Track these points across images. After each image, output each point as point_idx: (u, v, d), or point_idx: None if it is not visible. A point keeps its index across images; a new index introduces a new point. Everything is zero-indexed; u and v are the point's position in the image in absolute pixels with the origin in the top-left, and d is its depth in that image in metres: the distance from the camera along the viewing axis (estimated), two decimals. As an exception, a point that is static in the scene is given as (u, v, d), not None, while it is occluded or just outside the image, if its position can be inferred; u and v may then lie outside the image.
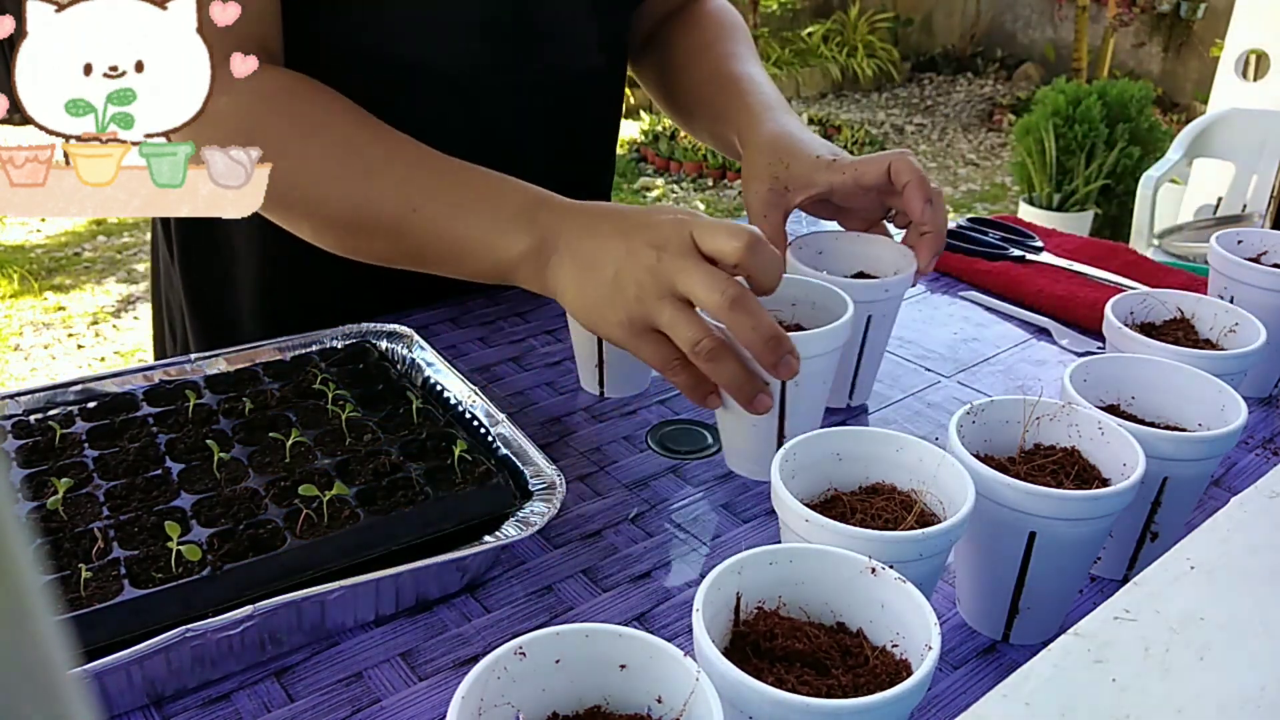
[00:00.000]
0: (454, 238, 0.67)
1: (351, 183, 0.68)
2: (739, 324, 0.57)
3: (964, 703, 0.49)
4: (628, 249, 0.61)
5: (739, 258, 0.59)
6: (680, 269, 0.59)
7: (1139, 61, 5.69)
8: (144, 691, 0.48)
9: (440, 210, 0.67)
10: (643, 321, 0.60)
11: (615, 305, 0.61)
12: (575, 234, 0.64)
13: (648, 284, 0.59)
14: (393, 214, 0.67)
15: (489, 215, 0.66)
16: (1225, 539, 0.41)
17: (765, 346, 0.58)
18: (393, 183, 0.68)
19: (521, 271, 0.65)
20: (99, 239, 3.98)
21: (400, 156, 0.69)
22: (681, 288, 0.59)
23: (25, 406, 0.65)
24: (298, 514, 0.55)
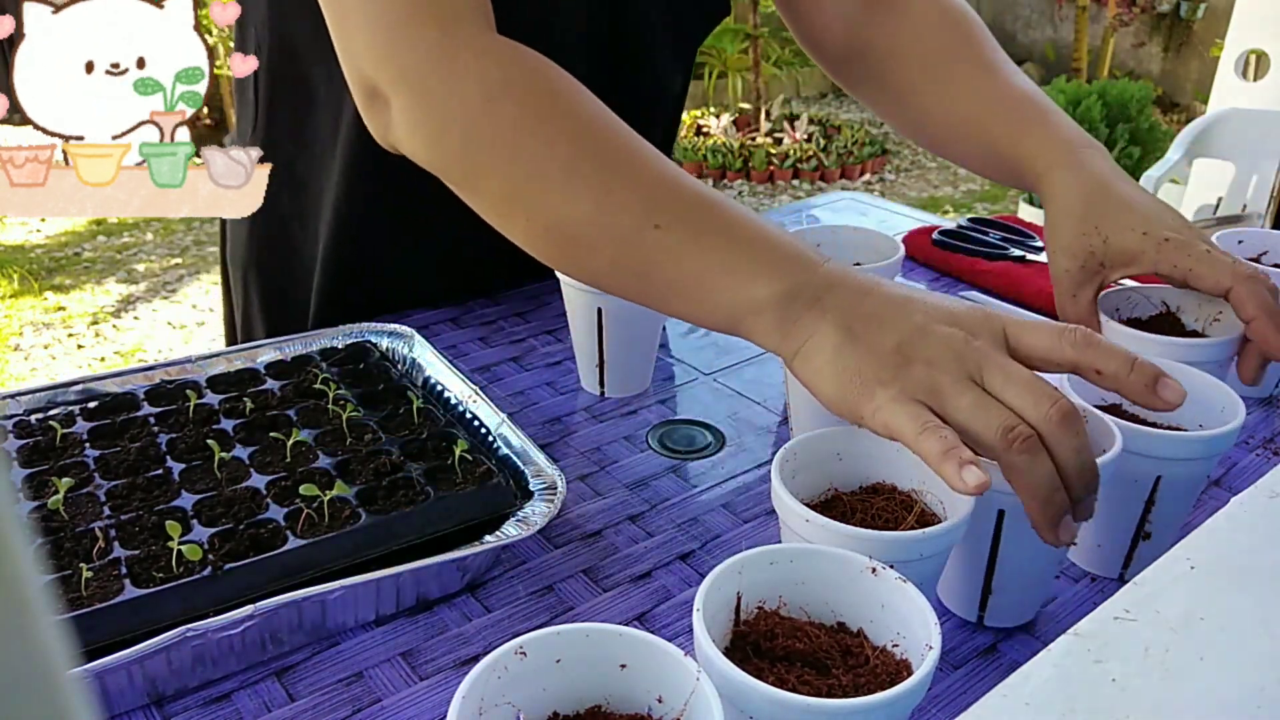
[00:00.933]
0: (693, 265, 0.56)
1: (588, 186, 0.58)
2: (1065, 443, 0.46)
3: (964, 703, 0.49)
4: (921, 322, 0.50)
5: (1072, 358, 0.49)
6: (993, 360, 0.48)
7: (1139, 61, 5.69)
8: (144, 691, 0.48)
9: (685, 233, 0.56)
10: (920, 394, 0.48)
11: (887, 373, 0.49)
12: (848, 293, 0.52)
13: (946, 361, 0.48)
14: (628, 230, 0.57)
15: (740, 251, 0.55)
16: (1225, 539, 0.41)
17: (1083, 478, 0.47)
18: (635, 194, 0.58)
19: (763, 319, 0.53)
20: (99, 239, 3.98)
21: (648, 167, 0.59)
22: (991, 382, 0.48)
23: (26, 406, 0.65)
24: (298, 514, 0.55)
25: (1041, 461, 0.46)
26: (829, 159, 4.75)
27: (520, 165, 0.59)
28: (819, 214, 1.19)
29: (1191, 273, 0.64)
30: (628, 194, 0.58)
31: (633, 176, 0.59)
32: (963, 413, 0.47)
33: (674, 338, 0.88)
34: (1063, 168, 0.70)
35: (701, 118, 5.12)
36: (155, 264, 3.79)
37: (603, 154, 0.59)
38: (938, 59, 0.81)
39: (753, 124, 5.04)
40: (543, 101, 0.60)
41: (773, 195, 4.62)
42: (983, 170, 0.81)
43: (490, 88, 0.59)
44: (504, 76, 0.60)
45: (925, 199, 4.59)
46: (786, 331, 0.53)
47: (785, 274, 0.54)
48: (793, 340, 0.53)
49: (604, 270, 0.60)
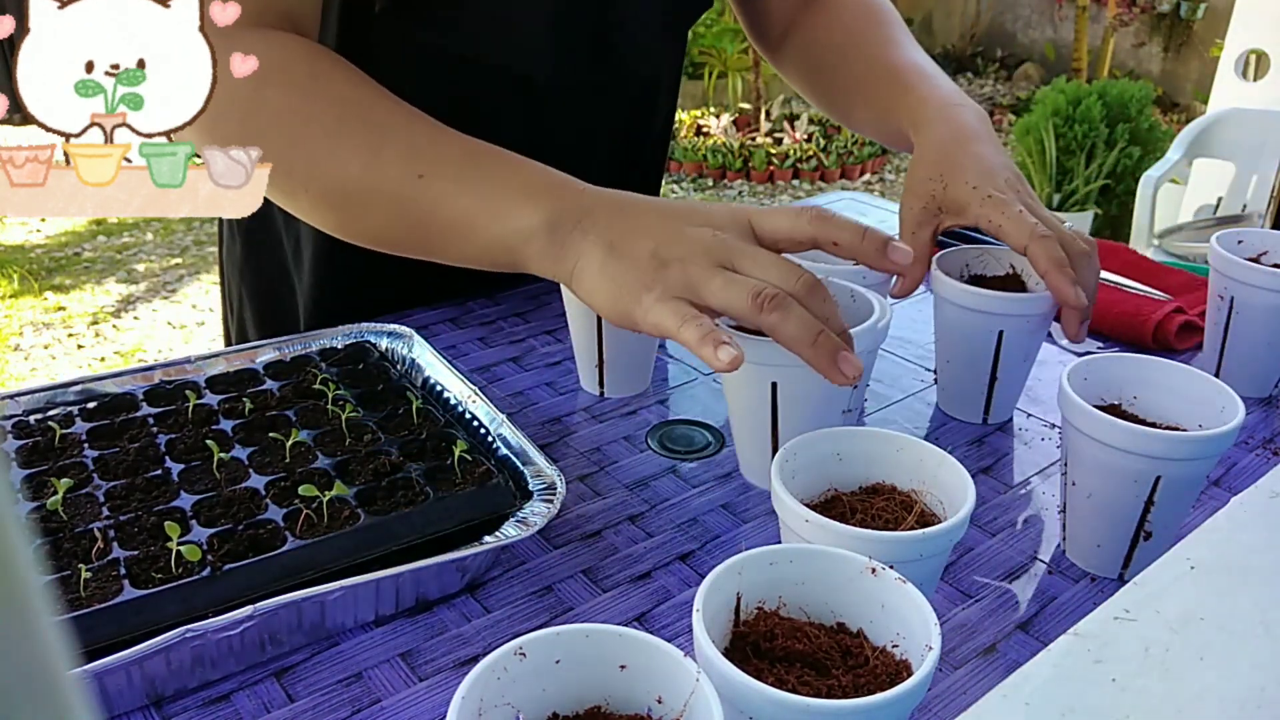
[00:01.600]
0: (462, 209, 0.60)
1: (354, 148, 0.62)
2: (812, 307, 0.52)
3: (964, 703, 0.49)
4: (674, 228, 0.55)
5: (810, 233, 0.55)
6: (739, 249, 0.53)
7: (1139, 61, 5.69)
8: (144, 692, 0.48)
9: (449, 179, 0.60)
10: (680, 290, 0.53)
11: (648, 278, 0.53)
12: (605, 212, 0.57)
13: (697, 256, 0.53)
14: (396, 182, 0.61)
15: (501, 185, 0.60)
16: (1225, 539, 0.41)
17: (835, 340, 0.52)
18: (399, 150, 0.62)
19: (532, 248, 0.58)
20: (99, 239, 3.98)
21: (408, 125, 0.64)
22: (741, 267, 0.53)
23: (25, 406, 0.65)
24: (298, 514, 0.55)
25: (795, 313, 0.51)
26: (829, 159, 4.75)
27: (290, 141, 0.62)
28: (819, 214, 1.19)
29: (1001, 229, 0.68)
30: (392, 150, 0.62)
31: (395, 134, 0.62)
32: (716, 296, 0.52)
33: (674, 338, 0.88)
34: (929, 122, 0.76)
35: (701, 118, 5.12)
36: (155, 264, 3.79)
37: (366, 118, 0.63)
38: (845, 40, 0.89)
39: (753, 124, 5.04)
40: (304, 80, 0.64)
41: (773, 195, 4.62)
42: (876, 135, 0.87)
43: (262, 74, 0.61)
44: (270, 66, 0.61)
45: (925, 199, 4.58)
46: (558, 256, 0.57)
47: (546, 201, 0.58)
48: (565, 264, 0.57)
49: (383, 227, 0.64)
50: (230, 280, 0.96)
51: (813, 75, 0.93)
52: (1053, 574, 0.59)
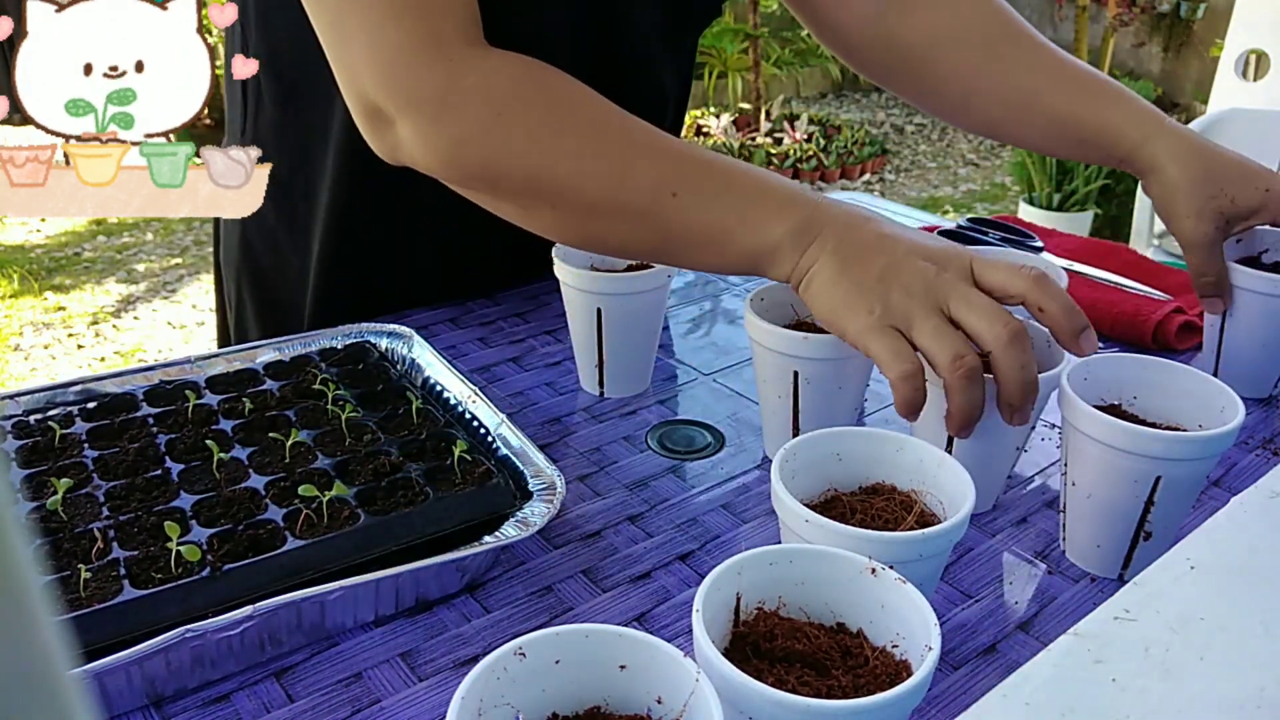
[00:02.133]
0: (711, 221, 0.63)
1: (608, 166, 0.64)
2: (1011, 361, 0.55)
3: (964, 703, 0.49)
4: (901, 255, 0.58)
5: (1023, 291, 0.57)
6: (958, 291, 0.56)
7: (1139, 61, 5.69)
8: (144, 692, 0.48)
9: (700, 195, 0.63)
10: (896, 320, 0.56)
11: (871, 299, 0.57)
12: (843, 228, 0.60)
13: (917, 290, 0.57)
14: (648, 198, 0.63)
15: (752, 200, 0.63)
16: (1225, 539, 0.41)
17: (1023, 389, 0.55)
18: (651, 167, 0.64)
19: (779, 255, 0.61)
20: (99, 239, 3.98)
21: (655, 143, 0.66)
22: (955, 309, 0.56)
23: (25, 407, 0.65)
24: (297, 514, 0.55)
25: (975, 388, 0.55)
26: (829, 159, 4.75)
27: (537, 162, 0.64)
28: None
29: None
30: (641, 169, 0.64)
31: (641, 153, 0.65)
32: (925, 337, 0.55)
33: (674, 338, 0.88)
34: (1161, 137, 0.76)
35: (701, 118, 5.12)
36: (155, 264, 3.79)
37: (608, 137, 0.65)
38: (988, 40, 0.83)
39: (753, 124, 5.04)
40: (549, 104, 0.65)
41: (772, 195, 4.61)
42: (1045, 145, 0.84)
43: (498, 103, 0.64)
44: (511, 90, 0.65)
45: (925, 199, 4.59)
46: (797, 263, 0.61)
47: (790, 215, 0.61)
48: (801, 269, 0.61)
49: (630, 240, 0.67)
50: (227, 279, 0.96)
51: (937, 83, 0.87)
52: (1053, 574, 0.59)
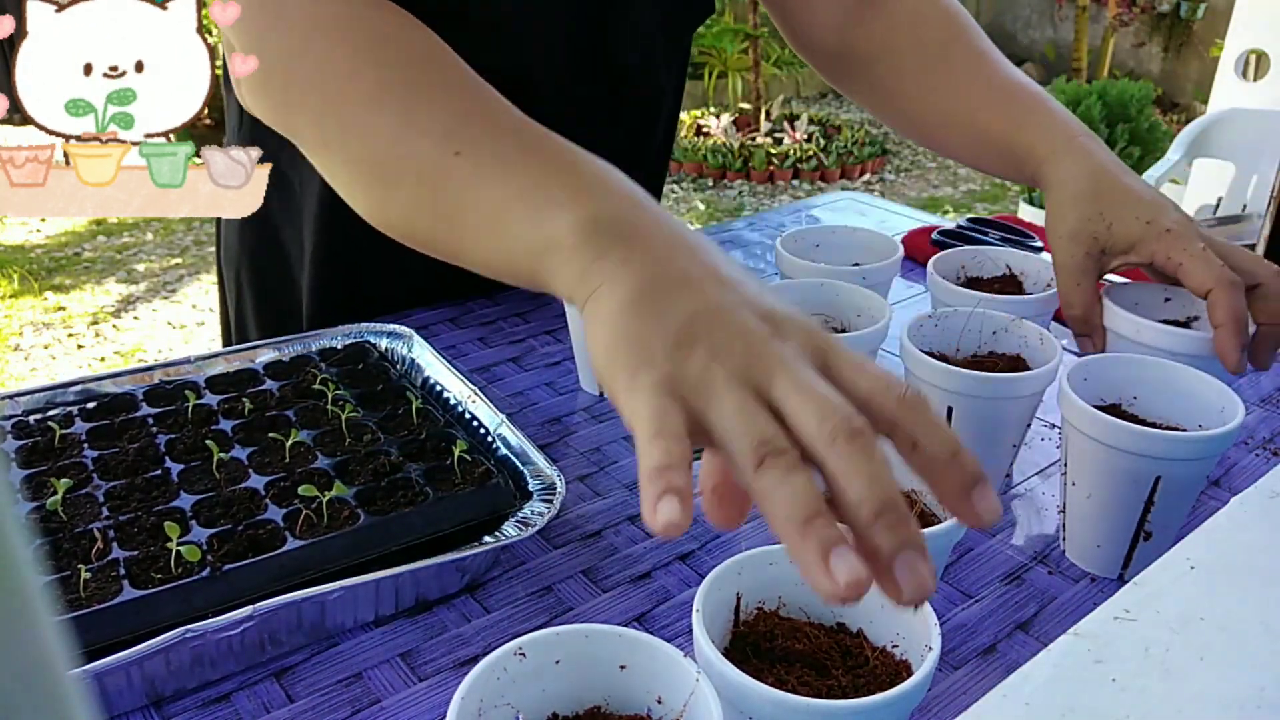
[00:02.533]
0: (491, 195, 0.49)
1: (389, 115, 0.53)
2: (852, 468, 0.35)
3: (964, 703, 0.49)
4: (728, 303, 0.40)
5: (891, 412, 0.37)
6: (790, 369, 0.37)
7: (1139, 61, 5.69)
8: (144, 692, 0.48)
9: (487, 158, 0.50)
10: (686, 386, 0.38)
11: (662, 352, 0.39)
12: (666, 243, 0.43)
13: (733, 355, 0.38)
14: (428, 157, 0.51)
15: (545, 175, 0.48)
16: (1225, 539, 0.41)
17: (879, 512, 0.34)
18: (438, 119, 0.52)
19: (559, 255, 0.45)
20: (99, 239, 3.98)
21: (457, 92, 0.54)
22: (777, 392, 0.37)
23: (25, 407, 0.65)
24: (297, 514, 0.55)
25: (795, 478, 0.34)
26: (829, 159, 4.75)
27: (329, 98, 0.55)
28: (819, 214, 1.19)
29: (1182, 268, 0.64)
30: (430, 119, 0.52)
31: (438, 101, 0.53)
32: (723, 418, 0.37)
33: (674, 338, 0.88)
34: (1066, 154, 0.70)
35: (701, 118, 5.12)
36: (155, 264, 3.79)
37: (410, 80, 0.54)
38: (929, 53, 0.80)
39: (753, 124, 5.04)
40: (359, 36, 0.56)
41: (773, 195, 4.62)
42: (976, 162, 0.79)
43: (309, 22, 0.56)
44: (330, 15, 0.56)
45: (925, 199, 4.59)
46: (582, 272, 0.43)
47: (589, 202, 0.45)
48: (586, 285, 0.43)
49: (408, 210, 0.54)
50: (228, 277, 0.96)
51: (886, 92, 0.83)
52: (1053, 574, 0.59)
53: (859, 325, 0.69)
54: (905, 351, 0.62)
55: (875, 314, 0.68)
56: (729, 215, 4.34)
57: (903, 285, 0.98)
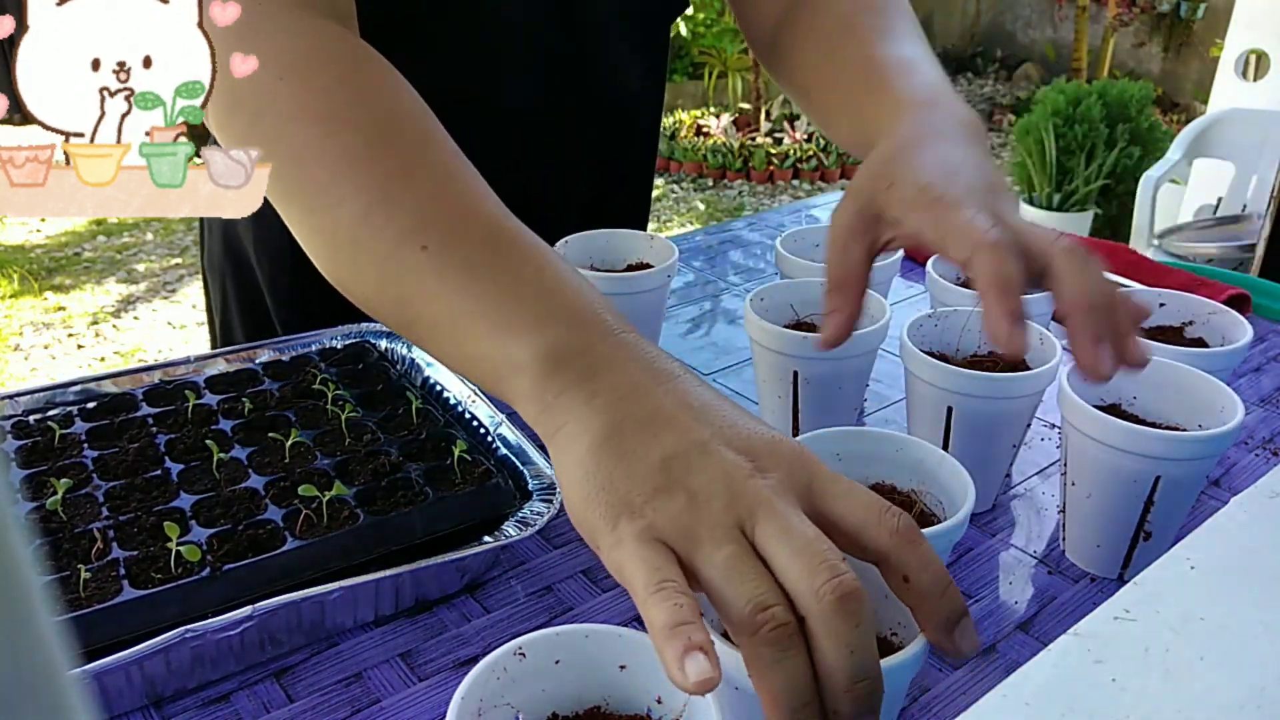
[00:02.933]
0: (454, 303, 0.46)
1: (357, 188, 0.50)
2: (835, 637, 0.35)
3: (964, 703, 0.49)
4: (703, 439, 0.39)
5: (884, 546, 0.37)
6: (776, 510, 0.37)
7: (1139, 61, 5.69)
8: (143, 692, 0.48)
9: (454, 260, 0.47)
10: (671, 535, 0.37)
11: (641, 494, 0.38)
12: (636, 377, 0.42)
13: (715, 498, 0.37)
14: (393, 243, 0.48)
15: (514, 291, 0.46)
16: (1225, 539, 0.41)
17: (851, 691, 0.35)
18: (411, 203, 0.49)
19: (521, 382, 0.43)
20: (99, 239, 3.98)
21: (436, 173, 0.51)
22: (762, 537, 0.37)
23: (25, 407, 0.65)
24: (297, 514, 0.55)
25: (792, 661, 0.35)
26: (829, 159, 4.75)
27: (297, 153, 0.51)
28: (819, 214, 1.19)
29: (943, 238, 0.51)
30: (400, 204, 0.49)
31: (412, 181, 0.50)
32: (714, 571, 0.36)
33: (673, 338, 0.88)
34: (895, 125, 0.60)
35: (701, 118, 5.12)
36: (155, 264, 3.79)
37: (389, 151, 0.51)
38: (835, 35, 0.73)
39: (753, 124, 5.04)
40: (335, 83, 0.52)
41: (773, 195, 4.62)
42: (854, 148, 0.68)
43: (281, 65, 0.52)
44: (302, 54, 0.53)
45: (925, 199, 4.58)
46: (547, 406, 0.42)
47: (554, 330, 0.43)
48: (550, 420, 0.42)
49: (369, 292, 0.51)
50: (212, 284, 0.96)
51: (798, 78, 0.77)
52: (1053, 574, 0.59)
53: (859, 325, 0.69)
54: (905, 351, 0.62)
55: (875, 314, 0.68)
56: (729, 215, 4.34)
57: (903, 285, 0.98)
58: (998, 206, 0.51)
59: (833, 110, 0.72)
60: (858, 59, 0.69)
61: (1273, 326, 0.90)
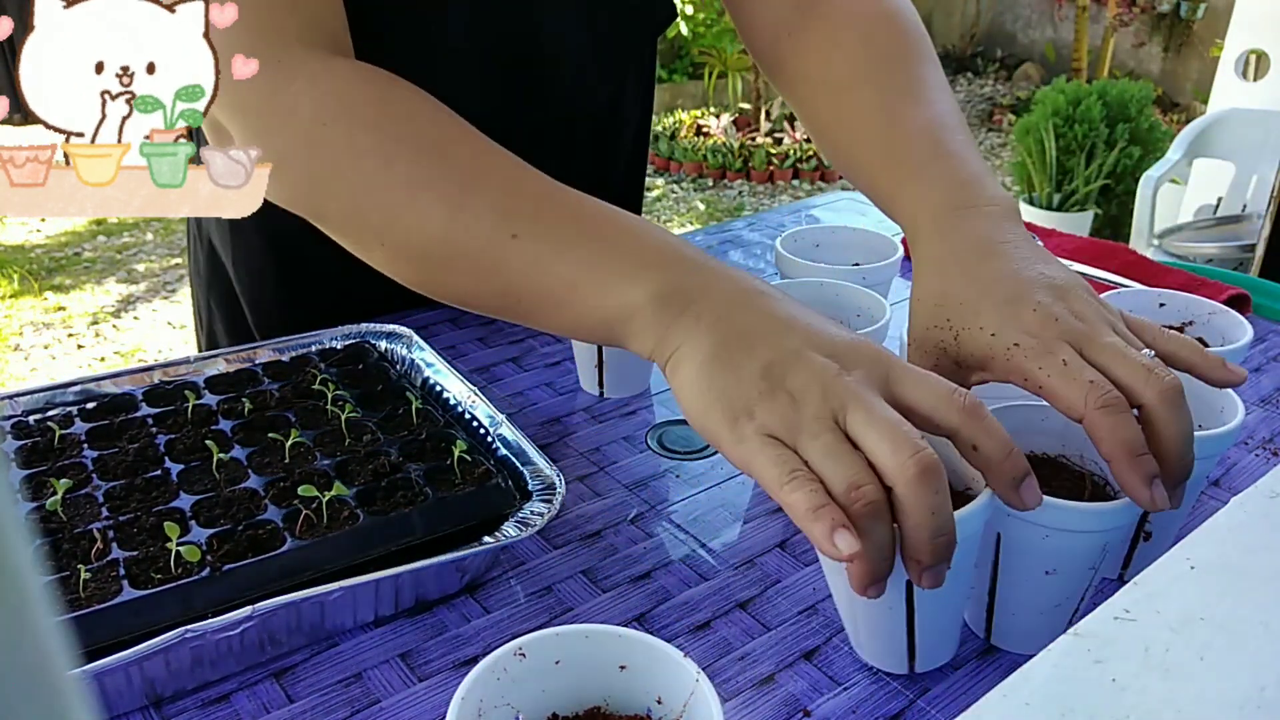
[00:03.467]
0: (559, 273, 0.52)
1: (437, 200, 0.55)
2: (918, 503, 0.41)
3: (964, 703, 0.49)
4: (795, 346, 0.46)
5: (952, 421, 0.44)
6: (860, 401, 0.44)
7: (1139, 61, 5.69)
8: (143, 692, 0.48)
9: (544, 240, 0.53)
10: (778, 430, 0.44)
11: (749, 398, 0.45)
12: (724, 301, 0.49)
13: (811, 396, 0.44)
14: (485, 241, 0.54)
15: (607, 252, 0.52)
16: (1225, 539, 0.41)
17: (933, 545, 0.42)
18: (489, 204, 0.54)
19: (635, 324, 0.50)
20: (99, 239, 3.98)
21: (499, 173, 0.56)
22: (853, 424, 0.43)
23: (24, 407, 0.65)
24: (297, 514, 0.55)
25: (880, 529, 0.42)
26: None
27: (362, 188, 0.56)
28: (819, 214, 1.19)
29: (1043, 389, 0.49)
30: (479, 204, 0.54)
31: (483, 185, 0.55)
32: (814, 456, 0.43)
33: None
34: (929, 236, 0.58)
35: (701, 118, 5.12)
36: (155, 264, 3.79)
37: (449, 165, 0.56)
38: (841, 84, 0.70)
39: (753, 124, 5.04)
40: (382, 120, 0.57)
41: (773, 195, 4.62)
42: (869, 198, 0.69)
43: (323, 112, 0.57)
44: (338, 98, 0.57)
45: (925, 199, 4.58)
46: (661, 338, 0.49)
47: (657, 274, 0.50)
48: (665, 346, 0.49)
49: (468, 289, 0.57)
50: (198, 291, 0.96)
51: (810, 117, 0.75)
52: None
53: (859, 325, 0.69)
54: (905, 350, 0.62)
55: (875, 314, 0.68)
56: (729, 215, 4.34)
57: (903, 285, 0.98)
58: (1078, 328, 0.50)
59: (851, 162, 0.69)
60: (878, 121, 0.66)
61: (1273, 326, 0.89)
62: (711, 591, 0.56)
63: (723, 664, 0.51)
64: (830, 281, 0.71)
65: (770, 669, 0.51)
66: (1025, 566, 0.49)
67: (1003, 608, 0.52)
